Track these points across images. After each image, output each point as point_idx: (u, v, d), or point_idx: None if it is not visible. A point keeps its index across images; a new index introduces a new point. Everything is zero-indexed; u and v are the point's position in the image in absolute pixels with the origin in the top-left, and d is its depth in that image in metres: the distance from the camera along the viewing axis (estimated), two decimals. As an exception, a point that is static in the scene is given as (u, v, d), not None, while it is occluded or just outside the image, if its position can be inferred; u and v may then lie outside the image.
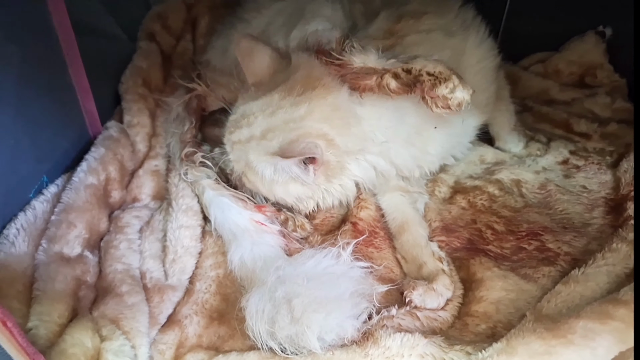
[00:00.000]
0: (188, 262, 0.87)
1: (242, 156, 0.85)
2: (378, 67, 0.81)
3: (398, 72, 0.78)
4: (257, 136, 0.82)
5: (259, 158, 0.82)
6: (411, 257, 0.89)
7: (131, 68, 1.15)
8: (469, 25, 0.97)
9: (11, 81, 0.80)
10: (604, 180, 1.01)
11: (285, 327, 0.71)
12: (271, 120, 0.81)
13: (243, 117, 0.84)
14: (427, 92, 0.76)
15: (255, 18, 1.09)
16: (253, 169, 0.84)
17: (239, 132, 0.84)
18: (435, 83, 0.76)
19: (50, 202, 0.84)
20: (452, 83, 0.75)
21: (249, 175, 0.87)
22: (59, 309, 0.67)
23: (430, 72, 0.76)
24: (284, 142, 0.79)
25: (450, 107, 0.76)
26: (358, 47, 0.83)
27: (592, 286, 0.74)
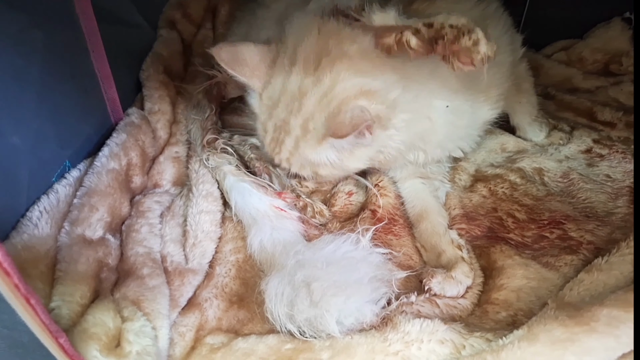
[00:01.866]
0: (208, 247, 0.87)
1: (303, 162, 0.83)
2: (398, 24, 0.78)
3: (419, 27, 0.74)
4: (300, 135, 0.80)
5: (316, 151, 0.80)
6: (430, 245, 0.89)
7: (152, 56, 1.16)
8: (489, 15, 0.94)
9: (35, 67, 0.80)
10: (628, 169, 1.00)
11: (304, 311, 0.72)
12: (303, 111, 0.78)
13: (276, 130, 0.81)
14: (449, 47, 0.71)
15: (274, 2, 1.09)
16: (319, 163, 0.82)
17: (283, 146, 0.82)
18: (458, 35, 0.71)
19: (72, 186, 0.85)
20: (475, 35, 0.71)
21: (320, 171, 0.85)
22: (81, 289, 0.68)
23: (453, 24, 0.72)
24: (328, 121, 0.77)
25: (474, 61, 0.71)
26: (377, 6, 0.81)
27: (617, 275, 0.73)
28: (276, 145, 0.82)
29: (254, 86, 0.80)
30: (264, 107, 0.81)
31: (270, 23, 1.05)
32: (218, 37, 1.29)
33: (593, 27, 1.31)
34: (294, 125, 0.79)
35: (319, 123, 0.77)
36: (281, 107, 0.79)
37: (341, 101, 0.76)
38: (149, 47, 1.18)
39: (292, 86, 0.78)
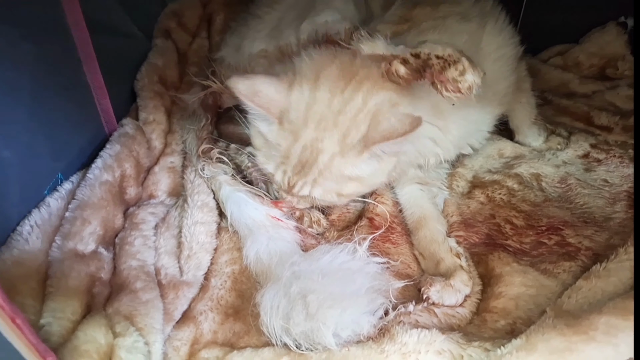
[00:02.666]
0: (203, 258, 0.87)
1: (332, 182, 0.81)
2: (386, 54, 0.80)
3: (407, 58, 0.77)
4: (337, 151, 0.78)
5: (354, 164, 0.79)
6: (429, 253, 0.88)
7: (147, 65, 1.16)
8: (487, 13, 0.97)
9: (26, 80, 0.80)
10: (626, 174, 1.00)
11: (300, 323, 0.71)
12: (339, 128, 0.78)
13: (305, 151, 0.79)
14: (437, 76, 0.75)
15: (267, 14, 1.09)
16: (352, 178, 0.81)
17: (314, 166, 0.79)
18: (445, 66, 0.74)
19: (64, 199, 0.84)
20: (461, 65, 0.74)
21: (347, 190, 0.83)
22: (72, 305, 0.67)
23: (439, 55, 0.75)
24: (370, 132, 0.77)
25: (461, 90, 0.74)
26: (366, 35, 0.83)
27: (615, 281, 0.72)
28: (303, 167, 0.80)
29: (273, 114, 0.80)
30: (287, 132, 0.80)
31: (262, 35, 1.06)
32: (213, 45, 1.29)
33: (588, 32, 1.31)
34: (330, 141, 0.78)
35: (357, 137, 0.77)
36: (310, 127, 0.78)
37: (376, 112, 0.77)
38: (144, 57, 1.18)
39: (319, 107, 0.78)
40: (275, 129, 0.81)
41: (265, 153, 0.84)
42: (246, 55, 1.06)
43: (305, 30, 0.97)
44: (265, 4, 1.12)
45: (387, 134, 0.75)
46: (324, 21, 0.96)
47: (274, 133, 0.81)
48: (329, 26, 0.95)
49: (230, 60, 1.11)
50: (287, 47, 1.00)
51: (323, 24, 0.96)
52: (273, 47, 1.02)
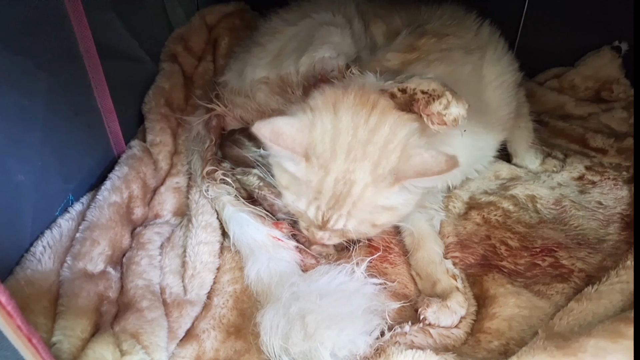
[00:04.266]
0: (206, 278, 0.89)
1: (367, 212, 0.81)
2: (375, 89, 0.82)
3: (394, 92, 0.81)
4: (369, 181, 0.78)
5: (386, 195, 0.79)
6: (425, 274, 0.90)
7: (154, 89, 1.19)
8: (487, 43, 1.01)
9: (40, 106, 0.83)
10: (620, 196, 1.01)
11: (299, 343, 0.73)
12: (369, 159, 0.77)
13: (338, 183, 0.78)
14: (423, 110, 0.78)
15: (270, 42, 1.12)
16: (386, 208, 0.81)
17: (348, 198, 0.78)
18: (429, 100, 0.77)
19: (75, 220, 0.87)
20: (445, 99, 0.77)
21: (381, 220, 0.83)
22: (82, 324, 0.70)
23: (424, 90, 0.78)
24: (399, 165, 0.77)
25: (446, 122, 0.77)
26: (357, 72, 0.86)
27: (605, 304, 0.74)
28: (337, 201, 0.79)
29: (298, 154, 0.79)
30: (316, 167, 0.79)
31: (264, 63, 1.09)
32: (218, 69, 1.32)
33: (584, 56, 1.34)
34: (361, 172, 0.77)
35: (387, 168, 0.77)
36: (340, 159, 0.78)
37: (406, 145, 0.77)
38: (151, 80, 1.21)
39: (345, 138, 0.78)
40: (303, 167, 0.80)
41: (294, 191, 0.83)
42: (248, 80, 1.09)
43: (304, 64, 1.01)
44: (268, 32, 1.15)
45: (420, 170, 0.76)
46: (321, 57, 1.00)
47: (302, 171, 0.80)
48: (325, 62, 0.98)
49: (233, 84, 1.14)
50: (287, 76, 1.03)
51: (320, 60, 0.99)
52: (274, 75, 1.06)
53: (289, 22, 1.15)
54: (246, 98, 1.08)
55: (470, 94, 0.90)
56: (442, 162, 0.74)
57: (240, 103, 1.10)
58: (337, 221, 0.81)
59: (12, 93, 0.77)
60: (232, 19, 1.46)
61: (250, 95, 1.08)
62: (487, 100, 0.97)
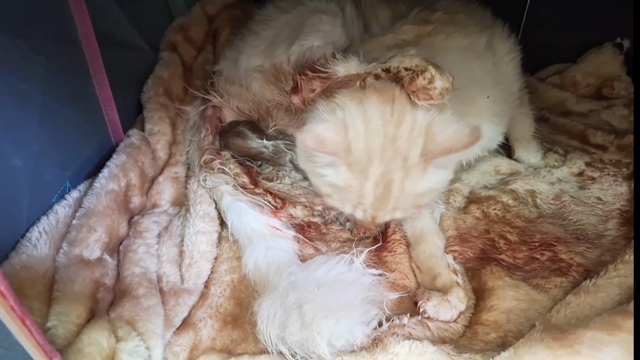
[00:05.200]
0: (204, 267, 0.89)
1: (410, 202, 0.82)
2: (360, 72, 0.83)
3: (378, 73, 0.81)
4: (404, 175, 0.78)
5: (422, 181, 0.80)
6: (426, 267, 0.90)
7: (153, 78, 1.18)
8: (494, 23, 1.04)
9: (37, 91, 0.83)
10: (619, 192, 1.01)
11: (296, 333, 0.73)
12: (400, 154, 0.78)
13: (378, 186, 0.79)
14: (408, 87, 0.78)
15: (263, 30, 1.12)
16: (425, 191, 0.81)
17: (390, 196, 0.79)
18: (413, 76, 0.77)
19: (72, 207, 0.87)
20: (429, 73, 0.77)
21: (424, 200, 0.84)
22: (77, 309, 0.69)
23: (407, 67, 0.78)
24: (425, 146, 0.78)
25: (432, 97, 0.76)
26: (340, 57, 0.86)
27: (603, 297, 0.74)
28: (381, 200, 0.80)
29: (342, 158, 0.79)
30: (355, 172, 0.79)
31: (258, 51, 1.09)
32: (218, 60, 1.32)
33: (585, 52, 1.34)
34: (396, 169, 0.78)
35: (417, 155, 0.78)
36: (375, 162, 0.78)
37: (428, 126, 0.78)
38: (150, 70, 1.20)
39: (377, 139, 0.78)
40: (343, 172, 0.80)
41: (338, 198, 0.83)
42: (242, 69, 1.09)
43: (295, 53, 1.01)
44: (262, 20, 1.15)
45: (446, 147, 0.76)
46: (310, 45, 1.00)
47: (342, 176, 0.80)
48: (313, 51, 0.99)
49: (227, 73, 1.14)
50: (280, 65, 1.04)
51: (309, 48, 1.00)
52: (268, 64, 1.06)
53: (282, 9, 1.14)
54: (241, 87, 1.08)
55: (488, 66, 0.95)
56: (465, 136, 0.75)
57: (235, 93, 1.09)
58: (384, 217, 0.83)
59: (8, 76, 0.76)
60: (233, 10, 1.45)
61: (244, 85, 1.08)
62: (501, 74, 0.98)
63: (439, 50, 0.90)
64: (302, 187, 1.00)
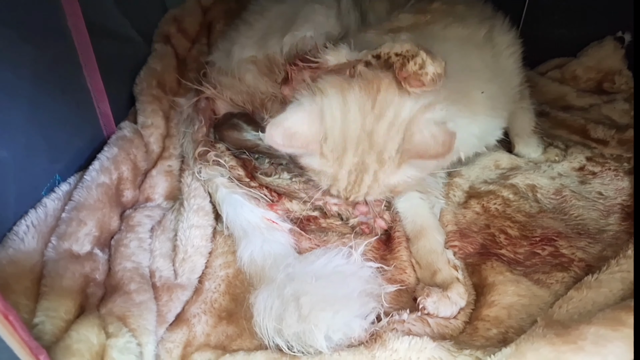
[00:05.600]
0: (198, 262, 0.87)
1: (382, 189, 0.83)
2: (350, 59, 0.82)
3: (369, 60, 0.79)
4: (377, 168, 0.80)
5: (395, 175, 0.81)
6: (426, 262, 0.88)
7: (146, 70, 1.16)
8: (494, 15, 1.03)
9: (25, 82, 0.81)
10: (620, 187, 1.00)
11: (293, 325, 0.71)
12: (375, 147, 0.78)
13: (351, 174, 0.81)
14: (399, 73, 0.76)
15: (257, 21, 1.11)
16: (398, 184, 0.82)
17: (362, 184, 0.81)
18: (404, 62, 0.75)
19: (61, 200, 0.85)
20: (420, 58, 0.75)
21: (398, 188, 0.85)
22: (65, 305, 0.67)
23: (398, 52, 0.77)
24: (405, 145, 0.77)
25: (424, 82, 0.75)
26: (330, 46, 0.85)
27: (605, 292, 0.73)
28: (353, 186, 0.82)
29: (313, 150, 0.80)
30: (330, 160, 0.81)
31: (252, 42, 1.08)
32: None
33: (586, 46, 1.32)
34: (370, 161, 0.79)
35: (393, 150, 0.78)
36: (350, 152, 0.79)
37: (409, 123, 0.77)
38: (143, 61, 1.19)
39: (354, 131, 0.78)
40: (317, 160, 0.82)
41: (316, 175, 0.86)
42: (235, 60, 1.08)
43: (287, 43, 1.01)
44: (256, 11, 1.13)
45: (419, 151, 0.76)
46: (303, 36, 1.00)
47: (317, 163, 0.82)
48: (305, 42, 0.99)
49: (220, 64, 1.12)
50: (274, 56, 1.03)
51: (302, 39, 1.00)
52: (262, 55, 1.05)
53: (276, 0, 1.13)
54: (234, 79, 1.07)
55: (487, 58, 0.94)
56: (439, 144, 0.74)
57: (228, 84, 1.08)
58: (357, 197, 0.84)
59: (-5, 64, 0.74)
60: (228, 1, 1.43)
61: (237, 76, 1.07)
62: (501, 67, 0.97)
63: (437, 39, 0.89)
64: (302, 182, 0.98)
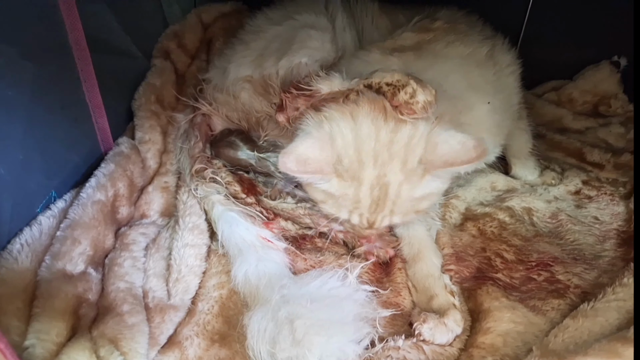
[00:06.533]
0: (192, 282, 0.86)
1: (408, 205, 0.81)
2: (342, 89, 0.83)
3: (360, 89, 0.80)
4: (402, 179, 0.78)
5: (420, 186, 0.79)
6: (422, 287, 0.88)
7: (145, 85, 1.16)
8: (494, 35, 1.05)
9: (24, 97, 0.80)
10: (616, 212, 1.00)
11: (286, 349, 0.71)
12: (396, 158, 0.77)
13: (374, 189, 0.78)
14: (391, 102, 0.77)
15: (253, 41, 1.12)
16: (423, 197, 0.81)
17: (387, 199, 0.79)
18: (395, 92, 0.77)
19: (56, 218, 0.84)
20: (410, 88, 0.76)
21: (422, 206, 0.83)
22: (57, 327, 0.67)
23: (388, 82, 0.78)
24: (426, 155, 0.77)
25: (416, 111, 0.76)
26: (323, 74, 0.86)
27: (601, 322, 0.73)
28: (378, 204, 0.80)
29: (328, 174, 0.79)
30: (348, 179, 0.79)
31: (248, 62, 1.08)
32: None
33: (582, 69, 1.33)
34: (392, 173, 0.78)
35: (415, 161, 0.77)
36: (369, 166, 0.78)
37: (430, 135, 0.77)
38: (142, 77, 1.18)
39: (369, 144, 0.78)
40: (335, 183, 0.80)
41: (332, 204, 0.83)
42: (231, 78, 1.09)
43: (283, 67, 1.02)
44: (252, 31, 1.14)
45: (449, 159, 0.76)
46: (298, 62, 1.01)
47: (336, 187, 0.80)
48: (301, 68, 1.00)
49: (216, 81, 1.13)
50: (270, 77, 1.03)
51: (297, 65, 1.01)
52: (258, 75, 1.05)
53: (273, 21, 1.14)
54: (228, 96, 1.08)
55: (489, 75, 0.95)
56: (470, 150, 0.74)
57: (223, 101, 1.09)
58: (382, 221, 0.82)
59: (-5, 81, 0.74)
60: (229, 19, 1.43)
61: (232, 94, 1.07)
62: (502, 84, 0.98)
63: (439, 57, 0.91)
64: (307, 207, 0.99)
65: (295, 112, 0.88)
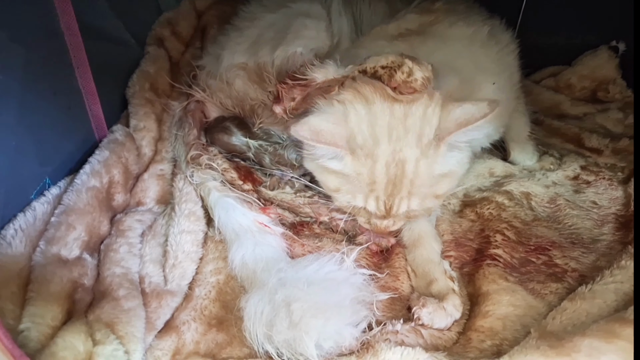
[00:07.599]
0: (188, 268, 0.86)
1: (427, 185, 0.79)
2: (337, 76, 0.83)
3: (355, 76, 0.80)
4: (419, 154, 0.76)
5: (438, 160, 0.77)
6: (422, 271, 0.87)
7: (138, 73, 1.15)
8: (492, 16, 1.07)
9: (16, 83, 0.80)
10: (614, 196, 1.00)
11: (283, 331, 0.70)
12: (411, 132, 0.76)
13: (389, 167, 0.76)
14: (389, 84, 0.77)
15: (248, 28, 1.11)
16: (444, 174, 0.79)
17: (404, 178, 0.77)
18: (392, 73, 0.77)
19: (51, 204, 0.83)
20: (406, 67, 0.76)
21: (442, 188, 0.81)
22: (52, 311, 0.66)
23: (384, 64, 0.78)
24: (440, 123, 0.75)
25: (415, 88, 0.76)
26: (317, 63, 0.86)
27: (599, 303, 0.72)
28: (395, 183, 0.77)
29: (341, 147, 0.77)
30: (362, 158, 0.77)
31: (242, 49, 1.08)
32: (206, 56, 1.29)
33: (581, 55, 1.32)
34: (408, 148, 0.76)
35: (432, 133, 0.76)
36: (384, 142, 0.76)
37: (445, 102, 0.76)
38: (136, 64, 1.18)
39: (383, 119, 0.76)
40: (349, 161, 0.78)
41: (347, 190, 0.81)
42: (224, 65, 1.08)
43: (279, 57, 1.02)
44: (247, 18, 1.14)
45: (463, 120, 0.74)
46: (294, 52, 1.01)
47: (349, 165, 0.78)
48: (296, 57, 1.00)
49: (210, 68, 1.13)
50: (265, 65, 1.03)
51: (293, 54, 1.01)
52: (252, 63, 1.05)
53: (267, 8, 1.14)
54: (222, 83, 1.07)
55: (492, 55, 0.96)
56: (484, 106, 0.73)
57: (217, 87, 1.08)
58: (400, 205, 0.79)
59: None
60: (223, 6, 1.42)
61: (226, 80, 1.07)
62: (505, 63, 0.99)
63: (445, 39, 0.92)
64: (306, 196, 0.98)
65: (292, 102, 0.88)
